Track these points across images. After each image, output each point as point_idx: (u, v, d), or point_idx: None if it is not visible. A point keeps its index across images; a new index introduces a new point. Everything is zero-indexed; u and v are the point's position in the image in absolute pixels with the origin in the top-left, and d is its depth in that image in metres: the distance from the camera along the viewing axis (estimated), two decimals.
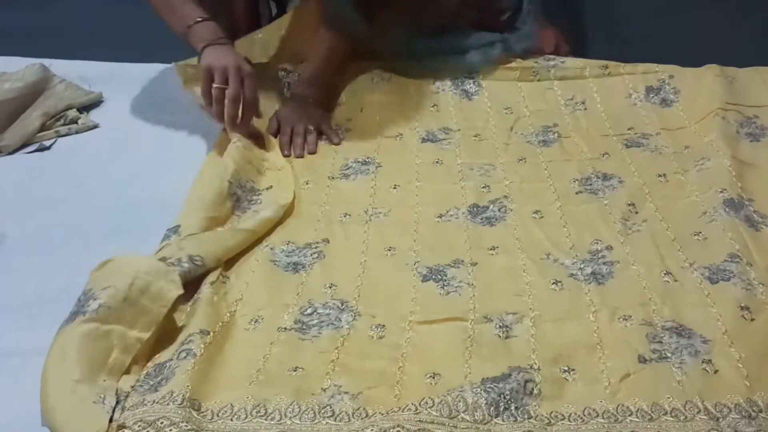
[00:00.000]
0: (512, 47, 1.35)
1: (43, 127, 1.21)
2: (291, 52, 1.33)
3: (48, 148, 1.19)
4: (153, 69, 1.35)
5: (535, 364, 0.74)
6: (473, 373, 0.73)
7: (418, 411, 0.68)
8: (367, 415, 0.68)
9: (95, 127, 1.23)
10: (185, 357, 0.74)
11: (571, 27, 1.46)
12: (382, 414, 0.68)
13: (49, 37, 1.51)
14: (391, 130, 1.22)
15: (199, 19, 1.12)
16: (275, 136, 1.19)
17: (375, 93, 1.30)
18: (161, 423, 0.66)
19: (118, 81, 1.28)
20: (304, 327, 0.81)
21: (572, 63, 1.32)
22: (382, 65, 1.33)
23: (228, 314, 0.82)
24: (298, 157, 1.16)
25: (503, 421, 0.67)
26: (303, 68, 1.28)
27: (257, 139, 1.16)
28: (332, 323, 0.82)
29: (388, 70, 1.33)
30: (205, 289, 0.84)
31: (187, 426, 0.65)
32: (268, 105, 1.28)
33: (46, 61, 1.29)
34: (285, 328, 0.81)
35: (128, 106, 1.27)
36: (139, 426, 0.66)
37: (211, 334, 0.78)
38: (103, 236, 0.96)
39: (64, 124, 1.22)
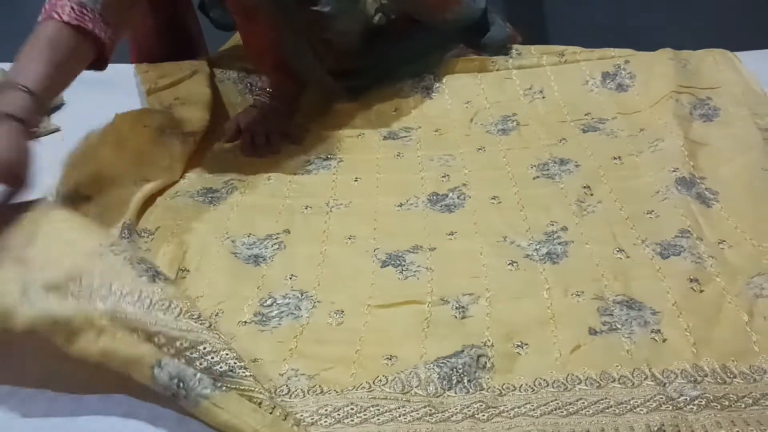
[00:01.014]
0: (486, 46, 1.36)
1: None
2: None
3: None
4: (114, 70, 1.34)
5: (489, 341, 0.75)
6: (428, 353, 0.74)
7: (371, 389, 0.69)
8: (322, 392, 0.69)
9: (56, 130, 1.23)
10: None
11: (528, 17, 1.48)
12: (337, 392, 0.69)
13: (6, 41, 1.50)
14: (352, 131, 1.23)
15: (21, 87, 0.86)
16: (233, 141, 1.20)
17: (337, 101, 1.30)
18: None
19: (78, 84, 1.27)
20: (264, 319, 0.82)
21: (529, 51, 1.34)
22: None
23: None
24: (260, 157, 1.17)
25: (455, 393, 0.68)
26: (264, 77, 1.29)
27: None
28: (292, 312, 0.82)
29: None
30: None
31: None
32: (227, 102, 1.30)
33: (6, 66, 1.29)
34: (245, 322, 0.81)
35: (89, 109, 1.26)
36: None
37: None
38: None
39: None
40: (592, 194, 0.99)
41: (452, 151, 1.14)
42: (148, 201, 1.02)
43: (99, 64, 1.00)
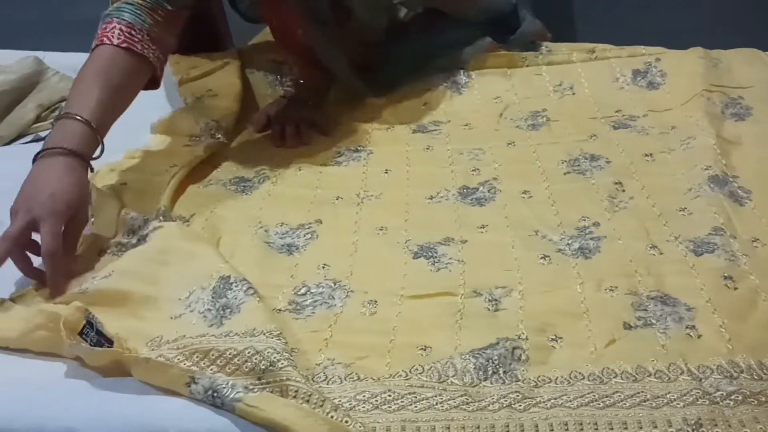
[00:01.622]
0: (515, 41, 1.36)
1: (38, 119, 1.22)
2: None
3: (43, 139, 1.19)
4: None
5: (523, 334, 0.75)
6: (462, 345, 0.75)
7: (408, 377, 0.70)
8: (359, 379, 0.70)
9: None
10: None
11: (557, 13, 1.48)
12: (374, 379, 0.70)
13: (42, 29, 1.52)
14: (382, 123, 1.24)
15: (78, 117, 0.87)
16: (263, 131, 1.21)
17: (367, 94, 1.30)
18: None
19: None
20: (298, 307, 0.82)
21: (559, 48, 1.34)
22: None
23: None
24: (290, 147, 1.18)
25: (491, 384, 0.69)
26: (293, 68, 1.29)
27: None
28: (325, 302, 0.83)
29: None
30: None
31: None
32: (258, 94, 1.31)
33: (40, 54, 1.31)
34: (279, 310, 0.82)
35: None
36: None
37: None
38: None
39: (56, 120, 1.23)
40: (623, 190, 0.99)
41: (482, 146, 1.15)
42: (182, 188, 1.04)
43: (151, 84, 1.02)
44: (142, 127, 1.17)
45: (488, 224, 0.95)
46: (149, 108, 1.20)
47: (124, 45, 0.95)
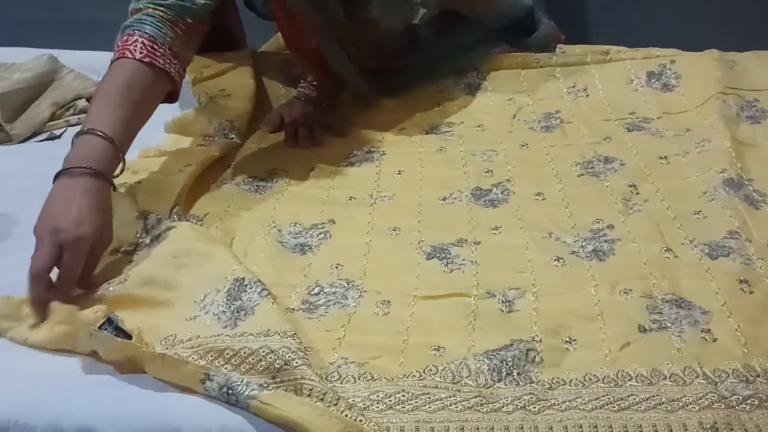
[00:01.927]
0: (529, 43, 1.35)
1: (53, 117, 1.23)
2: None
3: (58, 136, 1.21)
4: None
5: (537, 336, 0.75)
6: (476, 346, 0.74)
7: (422, 377, 0.69)
8: (372, 378, 0.70)
9: None
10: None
11: (571, 15, 1.47)
12: (388, 379, 0.70)
13: (58, 28, 1.53)
14: (394, 125, 1.24)
15: (100, 133, 0.86)
16: (276, 132, 1.21)
17: (380, 96, 1.30)
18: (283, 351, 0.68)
19: None
20: (312, 307, 0.82)
21: (573, 50, 1.33)
22: None
23: None
24: (303, 148, 1.18)
25: (506, 385, 0.68)
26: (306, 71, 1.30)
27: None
28: (339, 302, 0.83)
29: None
30: None
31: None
32: (271, 94, 1.31)
33: (55, 52, 1.31)
34: (293, 309, 0.82)
35: None
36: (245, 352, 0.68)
37: None
38: None
39: (73, 114, 1.24)
40: (638, 193, 0.99)
41: (495, 147, 1.15)
42: (196, 188, 1.04)
43: (170, 97, 1.02)
44: (156, 125, 1.17)
45: (501, 226, 0.95)
46: (162, 107, 1.21)
47: (146, 60, 0.94)
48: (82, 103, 1.25)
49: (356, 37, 1.20)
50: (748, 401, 0.65)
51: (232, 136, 1.16)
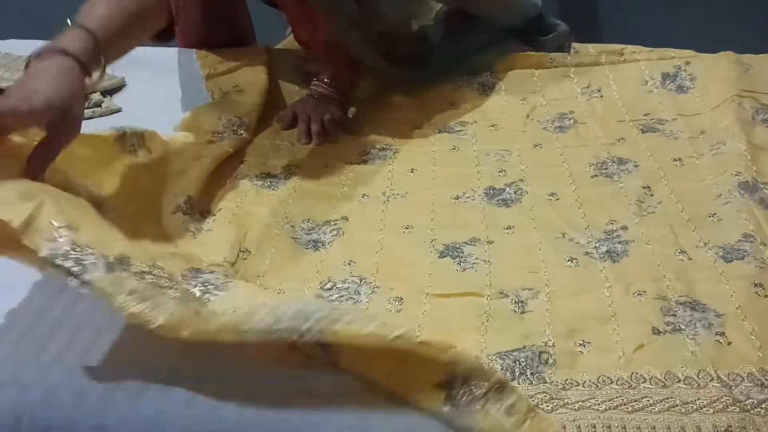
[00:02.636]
0: (543, 43, 1.35)
1: None
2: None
3: None
4: (175, 53, 1.37)
5: (550, 340, 0.75)
6: (489, 347, 0.74)
7: None
8: None
9: (118, 111, 1.26)
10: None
11: (583, 15, 1.47)
12: None
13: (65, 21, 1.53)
14: (407, 123, 1.24)
15: (82, 26, 0.80)
16: (289, 128, 1.21)
17: (392, 95, 1.31)
18: None
19: (140, 66, 1.30)
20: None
21: (587, 50, 1.33)
22: None
23: None
24: (316, 145, 1.18)
25: (519, 384, 0.68)
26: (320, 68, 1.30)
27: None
28: (351, 297, 0.83)
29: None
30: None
31: None
32: (285, 91, 1.31)
33: None
34: None
35: (150, 91, 1.29)
36: None
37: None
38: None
39: (88, 108, 1.24)
40: (652, 195, 0.99)
41: (508, 147, 1.14)
42: (209, 183, 1.04)
43: (166, 34, 0.99)
44: (165, 129, 1.18)
45: (515, 225, 0.95)
46: (170, 108, 1.22)
47: None
48: (96, 97, 1.26)
49: (367, 28, 1.20)
50: (763, 405, 0.65)
51: (242, 132, 1.16)
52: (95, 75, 0.82)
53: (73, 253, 0.63)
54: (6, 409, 0.67)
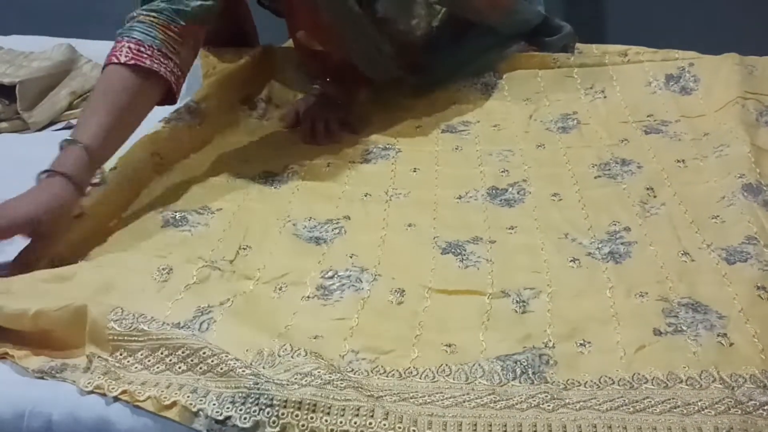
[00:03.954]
0: (548, 44, 1.35)
1: (70, 106, 1.24)
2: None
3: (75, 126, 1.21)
4: None
5: (551, 341, 0.74)
6: (488, 349, 0.74)
7: (435, 379, 0.69)
8: (385, 373, 0.70)
9: None
10: (207, 328, 0.74)
11: (588, 15, 1.47)
12: (400, 373, 0.69)
13: (76, 17, 1.53)
14: (411, 123, 1.24)
15: (77, 142, 0.89)
16: (292, 127, 1.21)
17: (396, 95, 1.31)
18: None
19: None
20: (326, 292, 0.82)
21: (591, 50, 1.33)
22: None
23: (252, 284, 0.84)
24: (319, 144, 1.18)
25: (520, 383, 0.68)
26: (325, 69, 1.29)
27: None
28: (353, 285, 0.83)
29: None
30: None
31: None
32: (290, 91, 1.31)
33: (73, 42, 1.32)
34: (308, 297, 0.82)
35: None
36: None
37: (231, 301, 0.79)
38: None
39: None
40: (655, 196, 0.98)
41: (511, 147, 1.14)
42: (211, 181, 1.04)
43: (168, 98, 1.01)
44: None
45: (517, 225, 0.95)
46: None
47: (131, 62, 0.94)
48: None
49: (376, 36, 1.19)
50: (765, 407, 0.64)
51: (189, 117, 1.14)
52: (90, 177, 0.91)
53: None
54: (9, 406, 0.67)
